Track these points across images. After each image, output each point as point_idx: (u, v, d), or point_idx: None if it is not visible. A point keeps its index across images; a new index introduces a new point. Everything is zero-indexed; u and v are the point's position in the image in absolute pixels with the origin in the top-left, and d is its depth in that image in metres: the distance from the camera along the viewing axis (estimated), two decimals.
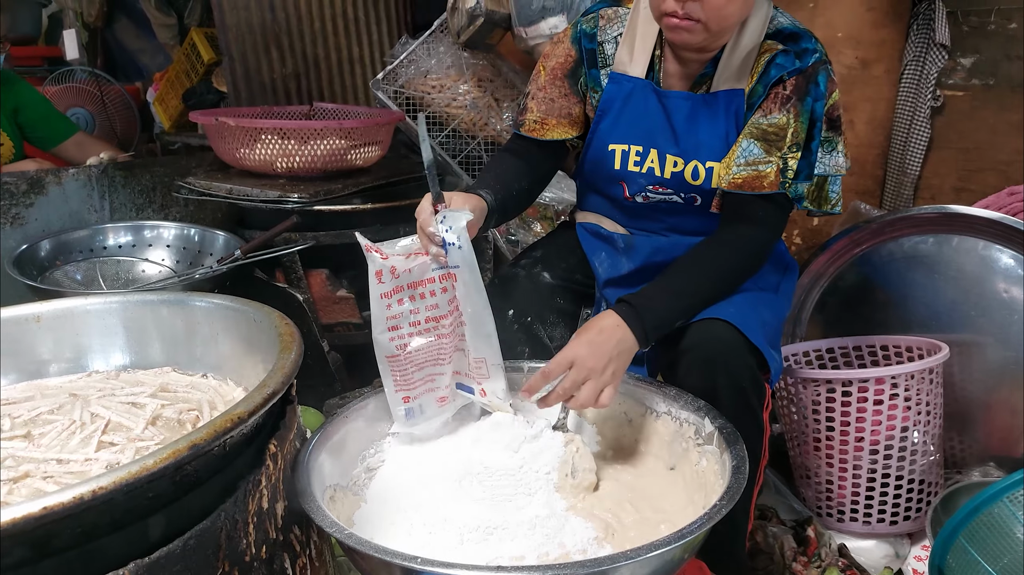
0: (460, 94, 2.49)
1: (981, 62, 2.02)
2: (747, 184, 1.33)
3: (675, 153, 1.40)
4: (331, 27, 2.85)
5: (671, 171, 1.41)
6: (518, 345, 1.44)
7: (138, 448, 0.96)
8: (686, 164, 1.40)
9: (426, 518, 1.09)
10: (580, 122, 1.50)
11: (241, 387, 1.14)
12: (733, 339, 1.24)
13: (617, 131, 1.45)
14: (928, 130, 2.09)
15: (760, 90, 1.34)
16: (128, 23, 4.31)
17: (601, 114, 1.45)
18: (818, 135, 1.33)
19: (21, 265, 1.96)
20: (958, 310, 1.69)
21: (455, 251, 1.16)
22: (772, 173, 1.32)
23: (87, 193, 2.29)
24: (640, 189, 1.45)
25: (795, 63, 1.32)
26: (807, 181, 1.36)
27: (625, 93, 1.43)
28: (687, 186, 1.42)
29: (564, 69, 1.48)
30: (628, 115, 1.44)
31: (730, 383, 1.23)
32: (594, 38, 1.45)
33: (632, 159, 1.44)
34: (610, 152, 1.45)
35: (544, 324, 1.47)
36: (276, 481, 0.93)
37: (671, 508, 1.12)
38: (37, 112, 2.64)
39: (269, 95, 2.76)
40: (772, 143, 1.32)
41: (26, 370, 1.20)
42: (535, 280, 1.50)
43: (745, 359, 1.24)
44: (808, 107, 1.32)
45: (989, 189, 1.91)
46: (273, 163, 2.19)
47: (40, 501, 0.66)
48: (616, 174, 1.46)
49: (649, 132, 1.42)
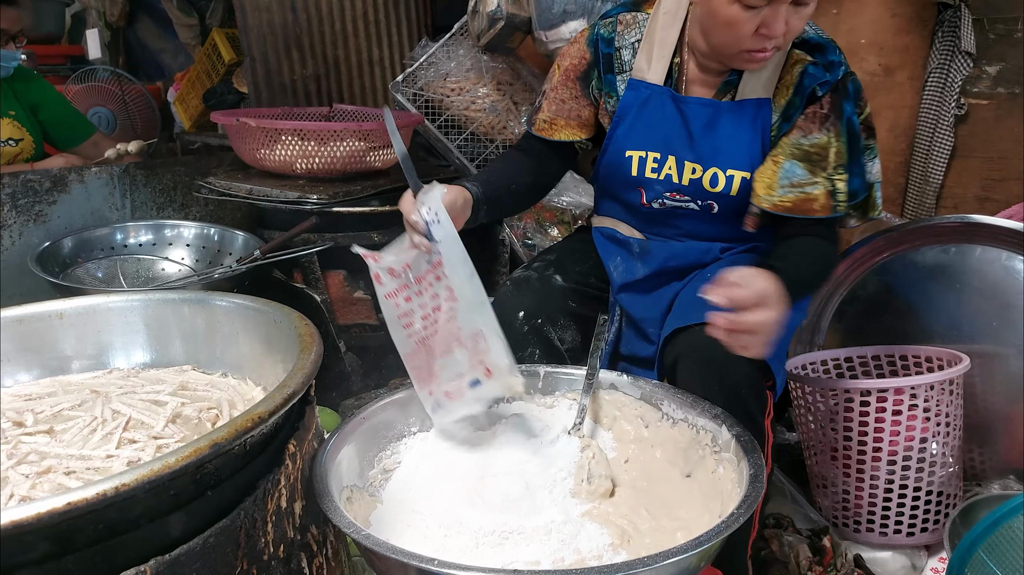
0: (479, 97, 2.49)
1: (1007, 70, 2.00)
2: (797, 207, 1.32)
3: (693, 159, 1.40)
4: (352, 29, 2.87)
5: (689, 178, 1.41)
6: (528, 347, 1.44)
7: (159, 446, 0.97)
8: (705, 170, 1.40)
9: (441, 521, 1.09)
10: (590, 125, 1.51)
11: (260, 387, 1.15)
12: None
13: (634, 137, 1.44)
14: (951, 138, 2.07)
15: (797, 102, 1.33)
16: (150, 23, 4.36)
17: (618, 120, 1.45)
18: (862, 148, 1.34)
19: (43, 262, 1.98)
20: (980, 321, 1.67)
21: (436, 227, 1.15)
22: (822, 195, 1.32)
23: (109, 191, 2.32)
24: (657, 195, 1.45)
25: (825, 75, 1.32)
26: (865, 193, 1.37)
27: (642, 99, 1.43)
28: (705, 193, 1.41)
29: (577, 71, 1.48)
30: (645, 121, 1.43)
31: (726, 388, 1.21)
32: (611, 43, 1.45)
33: (650, 165, 1.43)
34: (627, 158, 1.45)
35: (555, 326, 1.46)
36: (294, 480, 0.94)
37: (687, 515, 1.11)
38: (56, 111, 2.68)
39: (289, 96, 2.78)
40: (816, 163, 1.32)
41: (49, 366, 1.22)
42: (547, 283, 1.50)
43: (743, 365, 1.21)
44: (845, 124, 1.32)
45: (1013, 199, 1.89)
46: (293, 164, 2.20)
47: (64, 496, 0.67)
48: (633, 180, 1.46)
49: (666, 138, 1.42)
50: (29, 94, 2.60)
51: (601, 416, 1.31)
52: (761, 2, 1.19)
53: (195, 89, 3.64)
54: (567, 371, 1.34)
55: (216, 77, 3.50)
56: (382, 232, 2.15)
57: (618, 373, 1.32)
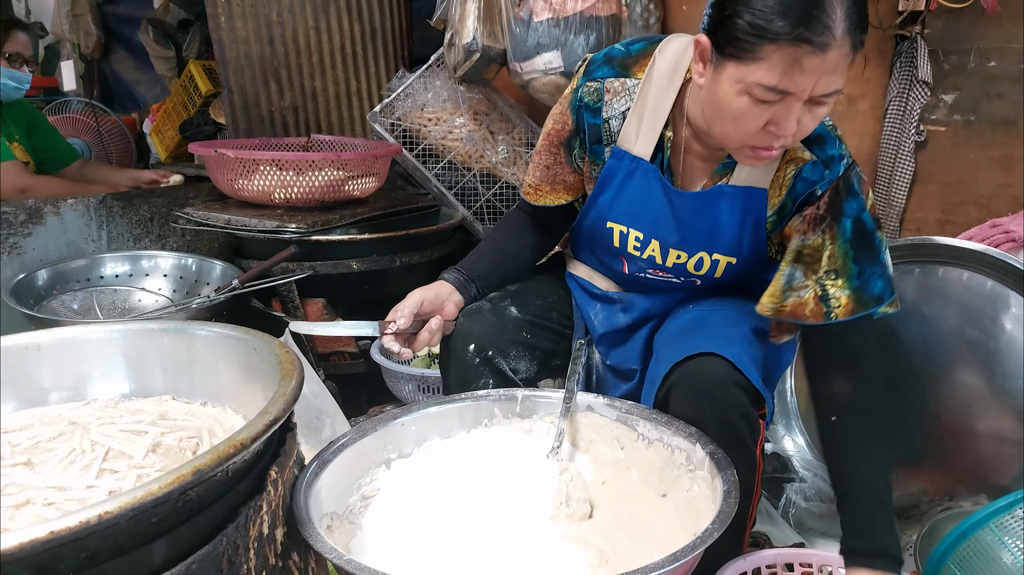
0: (456, 127, 2.54)
1: (962, 99, 2.08)
2: (793, 312, 1.23)
3: (678, 247, 1.34)
4: (329, 61, 2.91)
5: (673, 262, 1.37)
6: (480, 378, 1.42)
7: (139, 475, 0.97)
8: (690, 256, 1.35)
9: (421, 546, 1.10)
10: (576, 188, 1.47)
11: (240, 415, 1.15)
12: (725, 372, 1.20)
13: (616, 210, 1.37)
14: (912, 164, 2.14)
15: (789, 205, 1.25)
16: (125, 55, 4.38)
17: (601, 186, 1.37)
18: (880, 244, 1.21)
19: (18, 294, 1.97)
20: (944, 338, 1.72)
21: None
22: (811, 300, 1.21)
23: (85, 223, 2.32)
24: (640, 269, 1.42)
25: (823, 173, 1.21)
26: (892, 294, 1.21)
27: (627, 171, 1.33)
28: (689, 274, 1.39)
29: (560, 137, 1.41)
30: (629, 196, 1.35)
31: (719, 416, 1.19)
32: (598, 113, 1.33)
33: (632, 243, 1.38)
34: (608, 229, 1.40)
35: (506, 357, 1.44)
36: (276, 507, 0.94)
37: (663, 535, 1.13)
38: (45, 136, 2.74)
39: (267, 127, 2.81)
40: (808, 265, 1.22)
41: (26, 398, 1.20)
42: (500, 314, 1.46)
43: (736, 393, 1.19)
44: (852, 224, 1.20)
45: (972, 222, 1.96)
46: (271, 194, 2.22)
47: (47, 525, 0.67)
48: (616, 250, 1.42)
49: (652, 222, 1.34)
50: (23, 119, 2.63)
51: (578, 439, 1.33)
52: (775, 97, 1.06)
53: (171, 120, 3.65)
54: (545, 395, 1.36)
55: (193, 108, 3.52)
56: (361, 260, 2.17)
57: (594, 395, 1.34)
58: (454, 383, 1.44)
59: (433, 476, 1.25)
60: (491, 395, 1.36)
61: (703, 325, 1.33)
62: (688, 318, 1.39)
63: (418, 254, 2.28)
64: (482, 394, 1.36)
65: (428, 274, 2.44)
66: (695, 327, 1.33)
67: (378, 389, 2.20)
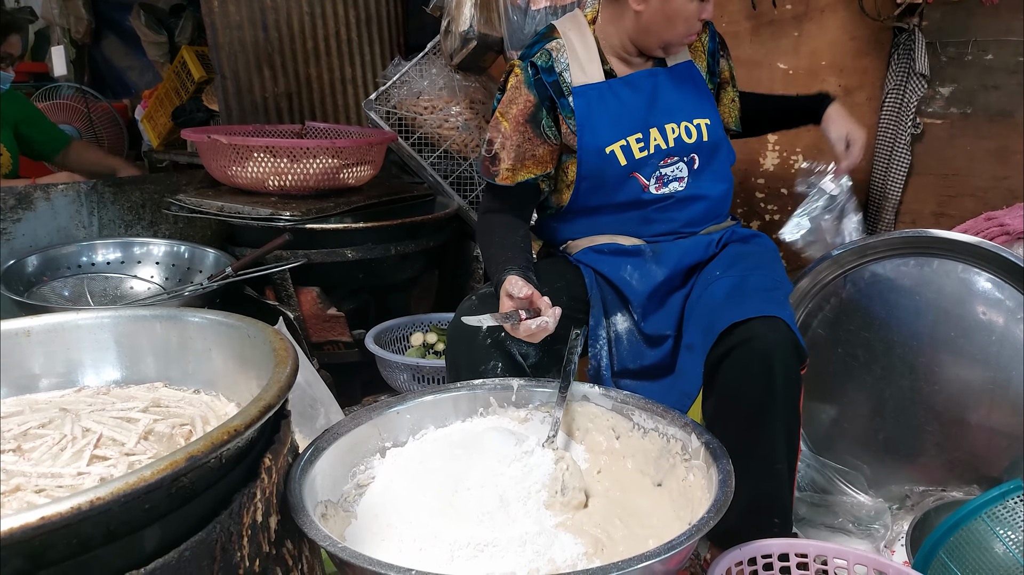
0: (452, 115, 2.52)
1: (959, 91, 2.08)
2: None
3: (667, 120, 1.55)
4: (324, 47, 2.89)
5: (672, 138, 1.55)
6: (491, 360, 1.46)
7: (131, 462, 0.96)
8: (679, 126, 1.55)
9: (416, 534, 1.09)
10: (548, 160, 1.59)
11: (233, 402, 1.14)
12: (786, 333, 1.30)
13: (605, 132, 1.54)
14: (908, 156, 2.14)
15: (710, 60, 1.65)
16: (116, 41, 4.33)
17: (581, 128, 1.54)
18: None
19: (8, 280, 1.95)
20: (939, 330, 1.72)
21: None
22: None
23: (76, 209, 2.30)
24: (654, 169, 1.56)
25: (712, 29, 1.67)
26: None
27: (595, 97, 1.55)
28: (686, 147, 1.56)
29: (525, 115, 1.56)
30: (609, 114, 1.54)
31: (785, 374, 1.29)
32: (552, 70, 1.56)
33: (635, 148, 1.54)
34: (610, 154, 1.54)
35: (516, 341, 1.47)
36: (270, 495, 0.94)
37: (659, 523, 1.13)
38: (37, 124, 2.70)
39: (261, 114, 2.78)
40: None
41: (16, 384, 1.19)
42: None
43: (795, 353, 1.31)
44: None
45: (967, 214, 1.96)
46: (265, 181, 2.20)
47: (38, 511, 0.66)
48: (626, 169, 1.54)
49: (638, 118, 1.55)
50: (13, 111, 2.60)
51: (574, 428, 1.33)
52: None
53: (163, 107, 3.62)
54: (540, 384, 1.36)
55: (185, 95, 3.48)
56: (355, 249, 2.15)
57: (590, 385, 1.34)
58: (462, 364, 1.46)
59: (428, 465, 1.25)
60: (487, 384, 1.35)
61: (746, 290, 1.41)
62: (727, 283, 1.46)
63: (413, 243, 2.27)
64: (477, 383, 1.35)
65: (422, 263, 2.43)
66: (739, 293, 1.41)
67: (372, 379, 2.19)
